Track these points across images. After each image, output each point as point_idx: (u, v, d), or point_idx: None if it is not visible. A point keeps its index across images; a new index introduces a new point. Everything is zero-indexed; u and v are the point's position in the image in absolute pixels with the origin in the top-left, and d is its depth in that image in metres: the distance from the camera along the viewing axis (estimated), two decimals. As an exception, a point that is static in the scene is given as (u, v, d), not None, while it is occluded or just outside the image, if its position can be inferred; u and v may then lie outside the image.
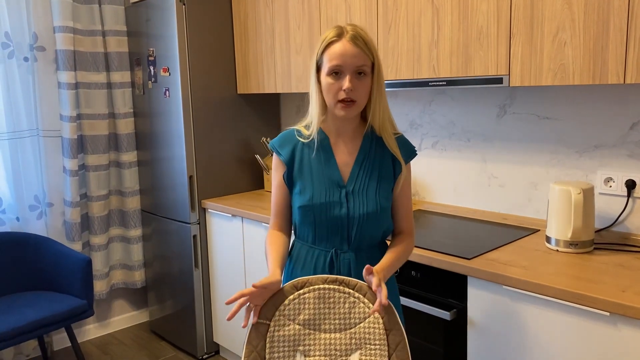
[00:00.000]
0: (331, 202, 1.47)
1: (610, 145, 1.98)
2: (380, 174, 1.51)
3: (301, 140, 1.52)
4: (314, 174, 1.50)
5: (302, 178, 1.51)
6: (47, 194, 3.09)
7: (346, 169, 1.51)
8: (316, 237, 1.51)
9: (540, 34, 1.77)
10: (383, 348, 1.30)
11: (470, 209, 2.44)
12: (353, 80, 1.39)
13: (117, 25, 3.19)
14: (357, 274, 1.48)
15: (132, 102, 3.30)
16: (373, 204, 1.47)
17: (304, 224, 1.51)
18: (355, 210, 1.46)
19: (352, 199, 1.47)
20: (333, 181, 1.49)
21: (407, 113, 2.63)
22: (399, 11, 2.18)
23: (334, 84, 1.41)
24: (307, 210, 1.48)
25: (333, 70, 1.40)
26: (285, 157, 1.53)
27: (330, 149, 1.51)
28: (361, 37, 1.40)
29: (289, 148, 1.53)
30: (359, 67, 1.40)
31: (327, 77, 1.41)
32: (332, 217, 1.47)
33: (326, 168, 1.50)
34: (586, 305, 1.49)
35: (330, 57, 1.40)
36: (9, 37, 2.87)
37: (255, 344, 1.32)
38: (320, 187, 1.48)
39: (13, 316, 2.49)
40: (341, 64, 1.39)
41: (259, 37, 2.89)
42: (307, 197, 1.48)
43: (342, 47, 1.39)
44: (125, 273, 3.47)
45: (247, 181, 3.21)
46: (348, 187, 1.49)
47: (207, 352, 3.13)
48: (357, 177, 1.49)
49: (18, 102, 2.94)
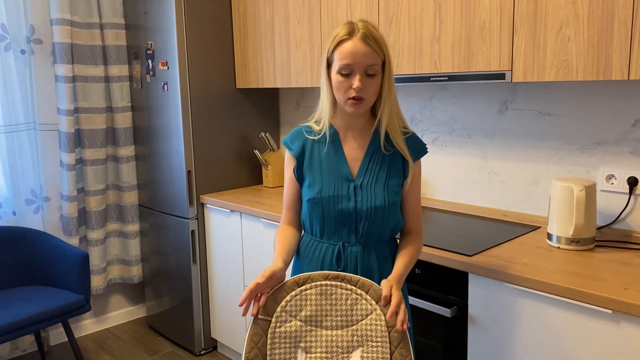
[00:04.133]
0: (339, 196, 1.48)
1: (612, 142, 1.97)
2: (390, 169, 1.51)
3: (310, 138, 1.54)
4: (324, 167, 1.51)
5: (311, 172, 1.52)
6: (44, 188, 3.07)
7: (355, 164, 1.52)
8: (324, 231, 1.51)
9: (544, 29, 1.76)
10: (385, 345, 1.29)
11: (470, 205, 2.43)
12: (363, 79, 1.40)
13: (115, 18, 3.16)
14: (364, 268, 1.49)
15: (129, 95, 3.28)
16: (381, 198, 1.48)
17: (313, 217, 1.52)
18: (363, 204, 1.47)
19: (360, 192, 1.48)
20: (342, 175, 1.50)
21: (407, 108, 2.62)
22: (400, 5, 2.16)
23: (344, 82, 1.41)
24: (315, 203, 1.49)
25: (343, 69, 1.40)
26: (295, 152, 1.55)
27: (339, 144, 1.53)
28: (372, 36, 1.40)
29: (299, 143, 1.55)
30: (369, 67, 1.40)
31: (337, 75, 1.42)
32: (340, 210, 1.48)
33: (335, 162, 1.51)
34: (588, 303, 1.48)
35: (341, 55, 1.40)
36: (6, 29, 2.84)
37: (257, 340, 1.31)
38: (328, 181, 1.49)
39: (9, 311, 2.47)
40: (352, 63, 1.39)
41: (258, 31, 2.87)
42: (316, 190, 1.49)
43: (353, 45, 1.39)
44: (122, 268, 3.45)
45: (245, 176, 3.20)
46: (357, 181, 1.49)
47: (204, 348, 3.12)
48: (365, 171, 1.50)
49: (15, 96, 2.91)
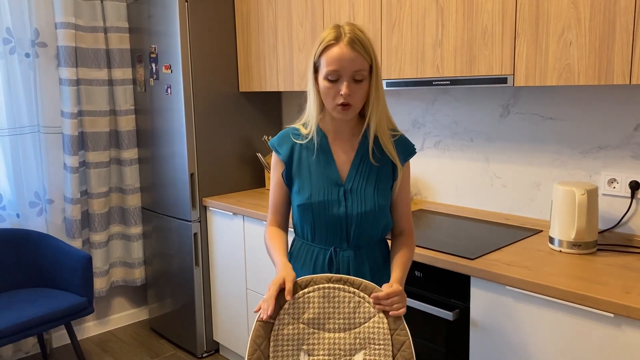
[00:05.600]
0: (329, 201, 1.47)
1: (614, 146, 1.98)
2: (379, 172, 1.51)
3: (298, 143, 1.53)
4: (313, 172, 1.50)
5: (300, 176, 1.51)
6: (48, 190, 3.08)
7: (344, 168, 1.51)
8: (315, 235, 1.51)
9: (546, 34, 1.77)
10: (387, 348, 1.30)
11: (472, 209, 2.43)
12: (351, 85, 1.39)
13: (118, 22, 3.18)
14: (356, 272, 1.49)
15: (133, 99, 3.29)
16: (371, 202, 1.47)
17: (303, 222, 1.51)
18: (354, 209, 1.47)
19: (350, 197, 1.48)
20: (331, 180, 1.49)
21: (409, 112, 2.62)
22: (403, 10, 2.17)
23: (331, 88, 1.40)
24: (305, 208, 1.48)
25: (330, 75, 1.39)
26: (284, 156, 1.53)
27: (328, 148, 1.52)
28: (359, 40, 1.38)
29: (288, 146, 1.54)
30: (356, 72, 1.38)
31: (324, 80, 1.41)
32: (331, 215, 1.47)
33: (324, 167, 1.50)
34: (590, 307, 1.48)
35: (328, 61, 1.38)
36: (11, 32, 2.86)
37: (259, 343, 1.31)
38: (318, 186, 1.48)
39: (13, 313, 2.48)
40: (338, 69, 1.38)
41: (261, 35, 2.89)
42: (306, 195, 1.48)
43: (340, 51, 1.37)
44: (125, 271, 3.46)
45: (248, 179, 3.20)
46: (346, 185, 1.49)
47: (206, 351, 3.12)
48: (355, 175, 1.50)
49: (19, 98, 2.93)
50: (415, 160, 2.63)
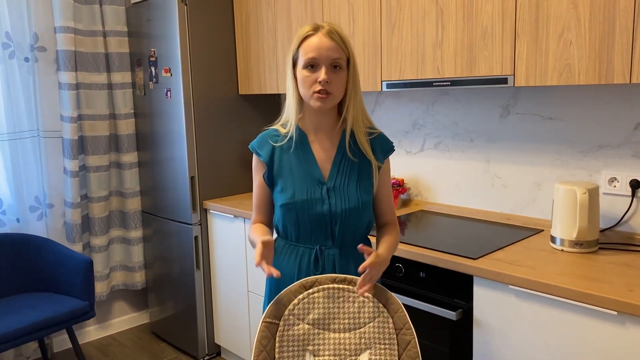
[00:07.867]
0: (313, 199, 1.48)
1: (614, 145, 1.99)
2: (360, 169, 1.52)
3: (277, 145, 1.53)
4: (295, 172, 1.51)
5: (282, 177, 1.52)
6: (48, 195, 3.08)
7: (326, 166, 1.52)
8: (300, 235, 1.52)
9: (546, 34, 1.77)
10: (393, 347, 1.30)
11: (474, 209, 2.44)
12: (329, 73, 1.41)
13: (118, 26, 3.19)
14: (342, 270, 1.49)
15: (132, 102, 3.29)
16: (355, 199, 1.49)
17: (287, 222, 1.52)
18: (337, 207, 1.48)
19: (334, 195, 1.49)
20: (314, 178, 1.50)
21: (410, 113, 2.63)
22: (402, 11, 2.18)
23: (309, 76, 1.42)
24: (289, 208, 1.49)
25: (309, 63, 1.42)
26: (265, 157, 1.54)
27: (309, 146, 1.53)
28: (337, 32, 1.43)
29: (268, 148, 1.55)
30: (334, 60, 1.42)
31: (303, 70, 1.43)
32: (315, 214, 1.48)
33: (306, 165, 1.51)
34: (593, 305, 1.49)
35: (306, 50, 1.42)
36: (10, 37, 2.86)
37: (265, 344, 1.31)
38: (301, 185, 1.49)
39: (14, 317, 2.47)
40: (317, 56, 1.41)
41: (260, 38, 2.89)
42: (289, 195, 1.49)
43: (318, 40, 1.42)
44: (125, 274, 3.45)
45: (248, 182, 3.20)
46: (329, 183, 1.50)
47: (208, 354, 3.11)
48: (337, 173, 1.51)
49: (19, 103, 2.93)
50: (415, 161, 2.64)
